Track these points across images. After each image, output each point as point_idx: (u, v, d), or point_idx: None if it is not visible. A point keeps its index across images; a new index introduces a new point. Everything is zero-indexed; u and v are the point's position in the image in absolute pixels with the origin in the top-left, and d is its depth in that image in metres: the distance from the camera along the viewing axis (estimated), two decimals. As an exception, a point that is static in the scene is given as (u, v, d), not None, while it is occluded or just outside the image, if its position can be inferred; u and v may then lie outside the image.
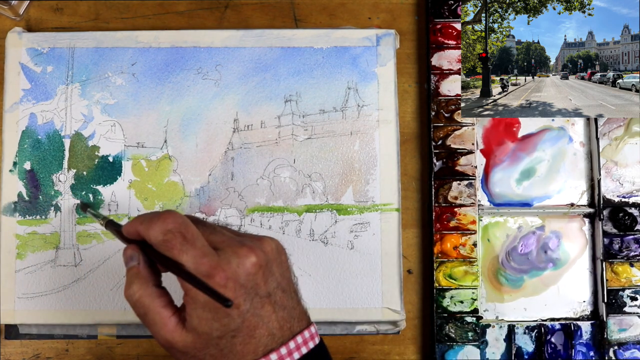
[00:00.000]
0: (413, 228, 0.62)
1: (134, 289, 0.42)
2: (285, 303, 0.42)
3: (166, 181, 0.60)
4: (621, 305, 0.60)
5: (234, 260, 0.40)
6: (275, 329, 0.41)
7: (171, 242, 0.40)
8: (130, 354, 0.60)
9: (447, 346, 0.59)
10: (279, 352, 0.40)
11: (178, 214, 0.41)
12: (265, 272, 0.41)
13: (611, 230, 0.61)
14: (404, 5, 0.65)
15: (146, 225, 0.41)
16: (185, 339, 0.40)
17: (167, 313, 0.41)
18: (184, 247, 0.40)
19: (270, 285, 0.41)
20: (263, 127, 0.61)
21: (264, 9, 0.64)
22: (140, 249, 0.42)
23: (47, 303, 0.58)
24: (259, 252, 0.41)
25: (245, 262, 0.40)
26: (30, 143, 0.60)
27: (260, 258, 0.41)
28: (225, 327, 0.40)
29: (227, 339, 0.40)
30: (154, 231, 0.40)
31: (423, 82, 0.63)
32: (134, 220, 0.42)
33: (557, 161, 0.63)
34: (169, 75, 0.61)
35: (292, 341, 0.41)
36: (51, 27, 0.63)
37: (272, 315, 0.41)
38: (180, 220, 0.41)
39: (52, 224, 0.59)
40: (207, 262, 0.39)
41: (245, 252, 0.40)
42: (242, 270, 0.40)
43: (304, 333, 0.42)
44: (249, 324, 0.40)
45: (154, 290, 0.42)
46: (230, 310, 0.39)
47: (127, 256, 0.43)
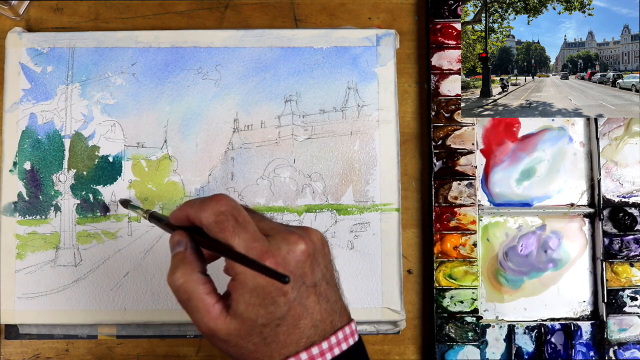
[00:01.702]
0: (413, 228, 0.62)
1: (178, 275, 0.41)
2: (329, 295, 0.42)
3: (166, 181, 0.60)
4: (621, 305, 0.60)
5: (284, 246, 0.40)
6: (319, 321, 0.41)
7: (224, 223, 0.40)
8: (130, 354, 0.60)
9: (447, 346, 0.59)
10: (321, 347, 0.40)
11: (230, 197, 0.41)
12: (313, 261, 0.41)
13: (611, 230, 0.61)
14: (404, 5, 0.65)
15: (197, 207, 0.41)
16: (228, 326, 0.40)
17: (211, 300, 0.40)
18: (237, 229, 0.39)
19: (316, 275, 0.41)
20: (263, 127, 0.61)
21: (264, 9, 0.64)
22: (187, 235, 0.42)
23: (47, 303, 0.58)
24: (307, 240, 0.41)
25: (295, 249, 0.40)
26: (30, 143, 0.60)
27: (309, 247, 0.41)
28: (271, 315, 0.39)
29: (272, 328, 0.40)
30: (206, 213, 0.40)
31: (423, 82, 0.64)
32: (183, 205, 0.42)
33: (557, 161, 0.63)
34: (169, 75, 0.61)
35: (334, 336, 0.41)
36: (51, 27, 0.63)
37: (316, 307, 0.41)
38: (233, 203, 0.41)
39: (52, 224, 0.59)
40: (258, 246, 0.39)
41: (295, 240, 0.40)
42: (292, 257, 0.40)
43: (345, 329, 0.42)
44: (294, 312, 0.40)
45: (199, 277, 0.41)
46: (278, 297, 0.39)
47: (174, 242, 0.42)
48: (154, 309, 0.58)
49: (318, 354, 0.40)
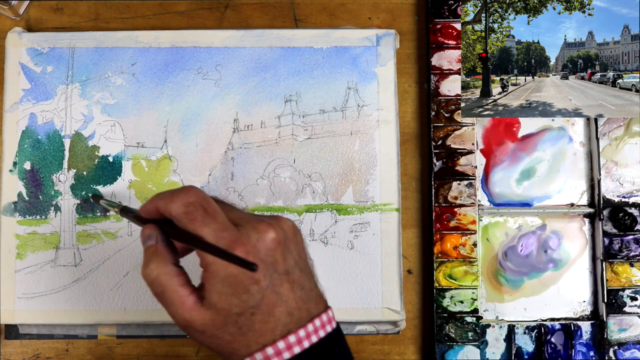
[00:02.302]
0: (413, 228, 0.62)
1: (151, 268, 0.41)
2: (303, 283, 0.42)
3: (166, 181, 0.60)
4: (621, 305, 0.60)
5: (254, 235, 0.40)
6: (294, 308, 0.41)
7: (192, 214, 0.40)
8: (130, 354, 0.60)
9: (447, 346, 0.59)
10: (297, 334, 0.40)
11: (199, 188, 0.41)
12: (284, 249, 0.41)
13: (611, 230, 0.61)
14: (404, 5, 0.65)
15: (167, 199, 0.41)
16: (203, 317, 0.40)
17: (185, 291, 0.41)
18: (206, 220, 0.40)
19: (288, 263, 0.41)
20: (263, 127, 0.61)
21: (264, 9, 0.64)
22: (158, 227, 0.42)
23: (47, 303, 0.58)
24: (277, 228, 0.41)
25: (265, 237, 0.40)
26: (30, 143, 0.60)
27: (279, 234, 0.41)
28: (245, 304, 0.39)
29: (247, 317, 0.40)
30: (175, 204, 0.40)
31: (423, 82, 0.64)
32: (153, 198, 0.42)
33: (557, 161, 0.63)
34: (169, 75, 0.61)
35: (310, 324, 0.41)
36: (51, 27, 0.63)
37: (290, 294, 0.41)
38: (201, 194, 0.41)
39: (52, 224, 0.59)
40: (227, 235, 0.39)
41: (265, 228, 0.40)
42: (262, 245, 0.40)
43: (322, 316, 0.42)
44: (268, 301, 0.40)
45: (172, 269, 0.41)
46: (250, 286, 0.39)
47: (145, 235, 0.43)
48: (154, 309, 0.58)
49: (295, 342, 0.40)
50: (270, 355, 0.40)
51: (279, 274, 0.41)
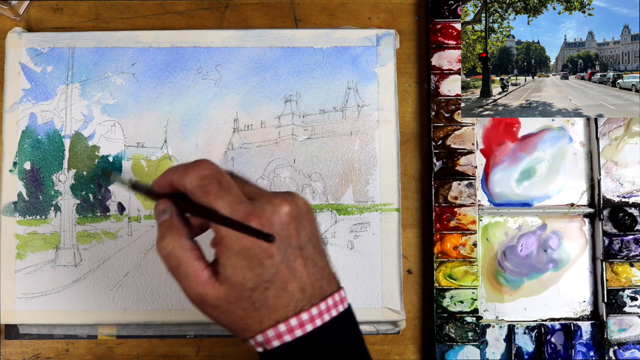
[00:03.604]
0: (413, 228, 0.62)
1: (166, 241, 0.41)
2: (316, 260, 0.42)
3: (166, 181, 0.60)
4: (621, 305, 0.60)
5: (269, 208, 0.40)
6: (307, 284, 0.40)
7: (207, 187, 0.40)
8: (130, 354, 0.60)
9: (447, 346, 0.59)
10: (310, 312, 0.40)
11: (212, 162, 0.41)
12: (298, 224, 0.41)
13: (611, 230, 0.61)
14: (404, 5, 0.65)
15: (181, 173, 0.41)
16: (217, 292, 0.40)
17: (200, 265, 0.40)
18: (220, 192, 0.39)
19: (302, 238, 0.41)
20: (263, 127, 0.61)
21: (264, 9, 0.64)
22: (172, 202, 0.42)
23: (47, 303, 0.58)
24: (292, 203, 0.41)
25: (280, 211, 0.40)
26: (30, 143, 0.60)
27: (293, 209, 0.41)
28: (259, 277, 0.39)
29: (260, 291, 0.39)
30: (189, 177, 0.40)
31: (423, 82, 0.63)
32: (166, 172, 0.42)
33: (557, 161, 0.63)
34: (169, 75, 0.61)
35: (323, 302, 0.41)
36: (51, 27, 0.63)
37: (303, 270, 0.40)
38: (215, 168, 0.41)
39: (52, 224, 0.59)
40: (242, 208, 0.39)
41: (279, 202, 0.40)
42: (277, 218, 0.40)
43: (335, 295, 0.42)
44: (282, 275, 0.40)
45: (186, 243, 0.41)
46: (264, 260, 0.39)
47: (159, 210, 0.42)
48: (154, 309, 0.58)
49: (308, 320, 0.40)
50: (282, 332, 0.39)
51: (292, 249, 0.40)
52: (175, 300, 0.58)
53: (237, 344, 0.60)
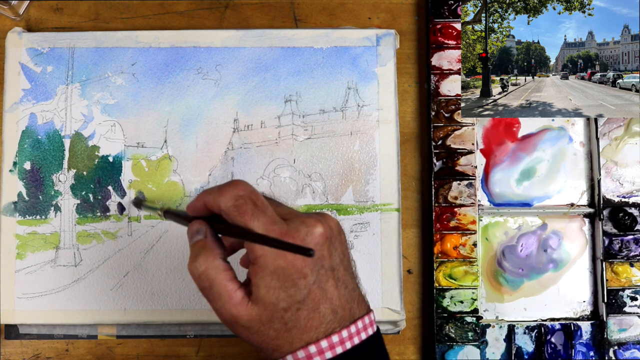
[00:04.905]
0: (413, 228, 0.62)
1: (199, 261, 0.41)
2: (347, 282, 0.42)
3: (166, 181, 0.60)
4: (621, 305, 0.60)
5: (303, 229, 0.40)
6: (338, 307, 0.41)
7: (242, 207, 0.40)
8: (130, 354, 0.60)
9: (447, 346, 0.59)
10: (340, 335, 0.40)
11: (247, 182, 0.42)
12: (330, 245, 0.41)
13: (611, 230, 0.61)
14: (404, 5, 0.65)
15: (215, 194, 0.41)
16: (250, 312, 0.40)
17: (233, 286, 0.40)
18: (255, 213, 0.40)
19: (334, 260, 0.41)
20: (263, 127, 0.61)
21: (264, 9, 0.64)
22: (206, 223, 0.42)
23: (47, 303, 0.58)
24: (325, 224, 0.41)
25: (314, 232, 0.40)
26: (30, 143, 0.60)
27: (326, 230, 0.41)
28: (292, 298, 0.39)
29: (293, 312, 0.40)
30: (224, 198, 0.40)
31: (423, 82, 0.64)
32: (200, 194, 0.42)
33: (557, 161, 0.63)
34: (169, 75, 0.61)
35: (353, 325, 0.41)
36: (51, 27, 0.63)
37: (335, 292, 0.41)
38: (250, 188, 0.41)
39: (52, 224, 0.59)
40: (277, 229, 0.39)
41: (313, 222, 0.41)
42: (310, 239, 0.40)
43: (364, 319, 0.42)
44: (314, 296, 0.40)
45: (220, 263, 0.41)
46: (298, 280, 0.39)
47: (193, 230, 0.42)
48: (154, 309, 0.58)
49: (338, 342, 0.40)
50: (313, 353, 0.40)
51: (325, 270, 0.41)
52: (175, 300, 0.58)
53: (237, 344, 0.60)
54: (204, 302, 0.58)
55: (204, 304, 0.58)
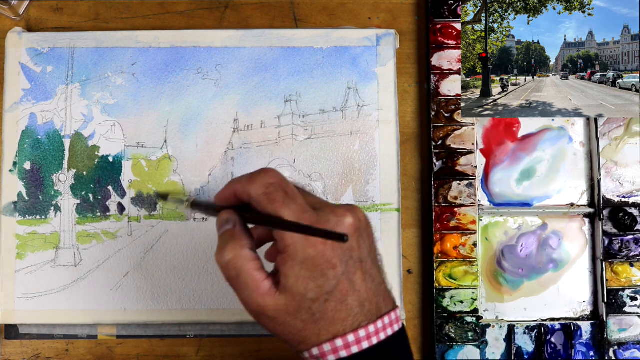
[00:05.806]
0: (413, 228, 0.62)
1: (227, 250, 0.40)
2: (374, 275, 0.42)
3: (166, 181, 0.60)
4: (621, 305, 0.60)
5: (333, 218, 0.40)
6: (365, 300, 0.40)
7: (273, 195, 0.39)
8: (130, 354, 0.60)
9: (447, 346, 0.59)
10: (367, 329, 0.40)
11: (277, 171, 0.41)
12: (359, 236, 0.41)
13: (611, 230, 0.61)
14: (404, 5, 0.65)
15: (245, 182, 0.41)
16: (277, 303, 0.39)
17: (261, 276, 0.40)
18: (286, 201, 0.39)
19: (362, 252, 0.41)
20: (263, 127, 0.61)
21: (264, 9, 0.64)
22: (235, 212, 0.42)
23: (47, 303, 0.58)
24: (354, 215, 0.41)
25: (344, 222, 0.40)
26: (30, 143, 0.60)
27: (355, 221, 0.40)
28: (320, 289, 0.39)
29: (320, 303, 0.39)
30: (255, 185, 0.40)
31: (423, 82, 0.64)
32: (230, 183, 0.42)
33: (557, 161, 0.63)
34: (169, 75, 0.61)
35: (380, 320, 0.40)
36: (51, 27, 0.63)
37: (362, 284, 0.40)
38: (280, 176, 0.41)
39: (52, 224, 0.59)
40: (307, 217, 0.39)
41: (343, 212, 0.40)
42: (340, 229, 0.40)
43: (391, 314, 0.41)
44: (342, 287, 0.39)
45: (248, 253, 0.40)
46: (327, 270, 0.39)
47: (223, 220, 0.42)
48: (154, 309, 0.58)
49: (364, 337, 0.40)
50: (339, 347, 0.39)
51: (354, 261, 0.40)
52: (175, 300, 0.58)
53: (237, 344, 0.60)
54: (204, 302, 0.58)
55: (204, 304, 0.58)
